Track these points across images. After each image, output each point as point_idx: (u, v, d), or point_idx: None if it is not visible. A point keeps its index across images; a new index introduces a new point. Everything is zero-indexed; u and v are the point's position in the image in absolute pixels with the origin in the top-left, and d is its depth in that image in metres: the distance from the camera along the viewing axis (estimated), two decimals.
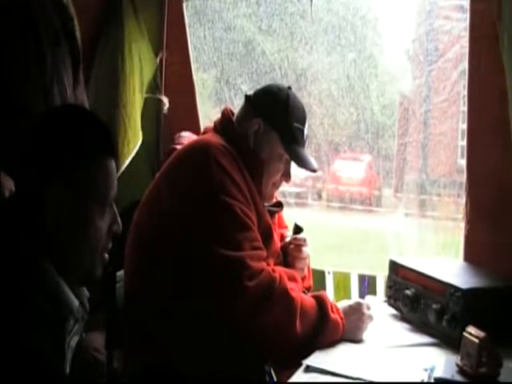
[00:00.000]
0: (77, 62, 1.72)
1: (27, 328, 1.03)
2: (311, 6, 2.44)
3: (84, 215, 1.16)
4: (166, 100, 2.77)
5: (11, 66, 1.50)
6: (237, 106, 1.89)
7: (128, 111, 2.56)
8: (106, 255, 1.22)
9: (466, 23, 2.11)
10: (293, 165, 1.81)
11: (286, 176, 1.82)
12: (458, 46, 2.58)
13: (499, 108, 1.88)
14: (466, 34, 2.07)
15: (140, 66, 2.65)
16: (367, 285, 1.89)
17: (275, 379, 1.76)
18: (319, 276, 2.08)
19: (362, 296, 1.80)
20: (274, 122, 1.76)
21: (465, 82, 2.09)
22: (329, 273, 2.30)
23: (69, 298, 1.15)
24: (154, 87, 2.78)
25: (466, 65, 2.06)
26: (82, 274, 1.19)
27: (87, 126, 1.20)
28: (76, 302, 1.16)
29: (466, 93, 2.07)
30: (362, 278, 2.40)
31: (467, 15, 2.03)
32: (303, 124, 1.79)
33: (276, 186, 1.82)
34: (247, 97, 1.82)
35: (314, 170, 1.82)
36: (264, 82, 3.72)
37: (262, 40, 4.23)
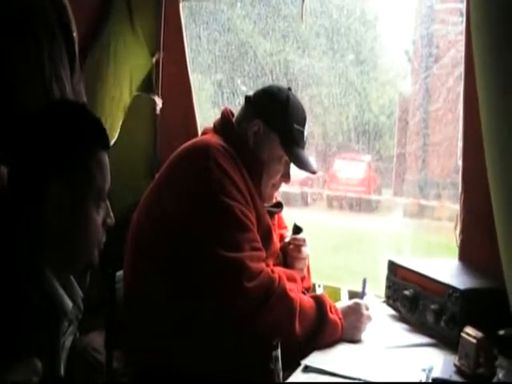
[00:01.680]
0: (73, 53, 1.71)
1: (24, 326, 1.04)
2: (302, 6, 2.43)
3: (82, 210, 1.17)
4: (158, 100, 2.77)
5: (11, 65, 1.49)
6: (232, 108, 1.89)
7: (106, 110, 2.54)
8: (101, 246, 1.24)
9: (461, 27, 2.11)
10: (292, 166, 1.82)
11: (286, 177, 1.82)
12: (453, 51, 2.58)
13: None
14: (462, 38, 2.07)
15: (130, 67, 2.64)
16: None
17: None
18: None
19: (360, 297, 1.80)
20: (273, 124, 1.76)
21: (461, 85, 2.09)
22: (319, 286, 2.31)
23: (63, 300, 1.15)
24: (149, 87, 2.77)
25: (462, 69, 2.06)
26: (80, 267, 1.21)
27: (80, 120, 1.21)
28: (70, 304, 1.17)
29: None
30: (351, 294, 2.41)
31: (464, 18, 2.04)
32: (303, 125, 1.80)
33: (276, 186, 1.82)
34: (247, 97, 1.82)
35: (313, 172, 1.83)
36: (257, 85, 3.73)
37: (255, 43, 4.24)
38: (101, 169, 1.20)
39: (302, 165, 1.78)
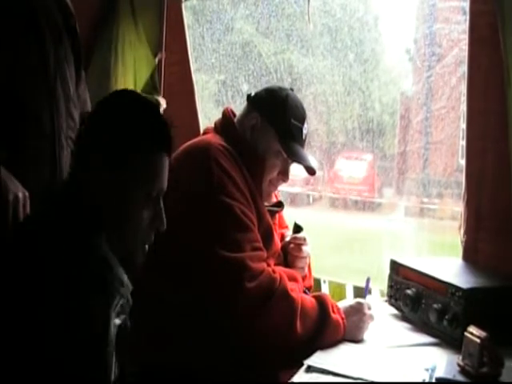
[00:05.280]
0: (78, 59, 1.71)
1: (83, 292, 1.10)
2: (308, 6, 2.42)
3: (128, 204, 1.22)
4: (162, 101, 2.77)
5: (15, 66, 1.49)
6: (235, 107, 1.89)
7: None
8: (147, 246, 1.28)
9: (464, 25, 2.10)
10: (292, 167, 1.81)
11: (284, 175, 1.80)
12: (456, 50, 2.57)
13: (499, 111, 1.88)
14: (465, 37, 2.06)
15: (134, 67, 2.65)
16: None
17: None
18: (315, 284, 2.08)
19: (363, 296, 1.79)
20: (271, 117, 1.76)
21: (464, 85, 2.07)
22: (324, 282, 2.30)
23: (119, 271, 1.20)
24: (152, 88, 2.77)
25: (465, 68, 2.06)
26: (122, 254, 1.24)
27: (150, 117, 1.26)
28: (125, 276, 1.21)
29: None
30: (357, 290, 2.41)
31: (467, 17, 2.03)
32: (302, 123, 1.78)
33: (273, 183, 1.80)
34: (248, 96, 1.82)
35: (310, 167, 1.78)
36: (261, 84, 3.73)
37: (258, 42, 4.24)
38: (157, 167, 1.25)
39: (298, 158, 1.76)
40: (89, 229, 1.19)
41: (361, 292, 1.86)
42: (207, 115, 2.91)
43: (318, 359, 1.50)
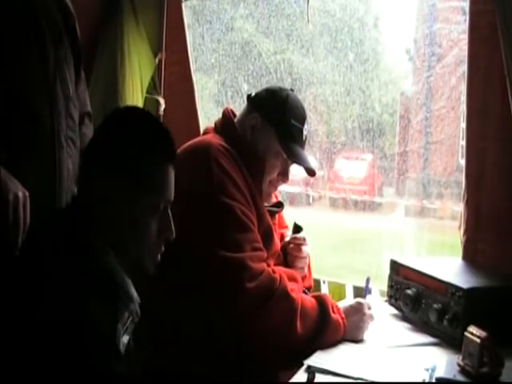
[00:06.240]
0: (78, 59, 1.71)
1: (91, 308, 1.08)
2: (307, 6, 2.43)
3: (136, 212, 1.22)
4: (162, 101, 2.77)
5: (15, 66, 1.49)
6: (235, 107, 1.89)
7: None
8: (159, 256, 1.28)
9: (464, 25, 2.10)
10: (293, 167, 1.81)
11: (284, 176, 1.80)
12: (456, 50, 2.57)
13: (499, 111, 1.88)
14: (465, 37, 2.06)
15: (139, 67, 2.65)
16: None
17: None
18: (314, 284, 2.08)
19: (363, 296, 1.79)
20: (271, 118, 1.76)
21: (464, 84, 2.08)
22: (324, 282, 2.29)
23: (130, 288, 1.20)
24: (152, 88, 2.77)
25: (465, 68, 2.06)
26: (131, 267, 1.24)
27: (152, 129, 1.27)
28: (135, 294, 1.22)
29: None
30: (356, 289, 2.41)
31: (467, 16, 2.03)
32: (302, 123, 1.79)
33: (273, 184, 1.80)
34: (249, 96, 1.82)
35: (310, 169, 1.79)
36: (260, 84, 3.72)
37: (258, 42, 4.24)
38: (163, 178, 1.25)
39: (298, 159, 1.76)
40: (98, 244, 1.19)
41: (361, 292, 1.86)
42: (207, 115, 2.91)
43: (318, 359, 1.51)
